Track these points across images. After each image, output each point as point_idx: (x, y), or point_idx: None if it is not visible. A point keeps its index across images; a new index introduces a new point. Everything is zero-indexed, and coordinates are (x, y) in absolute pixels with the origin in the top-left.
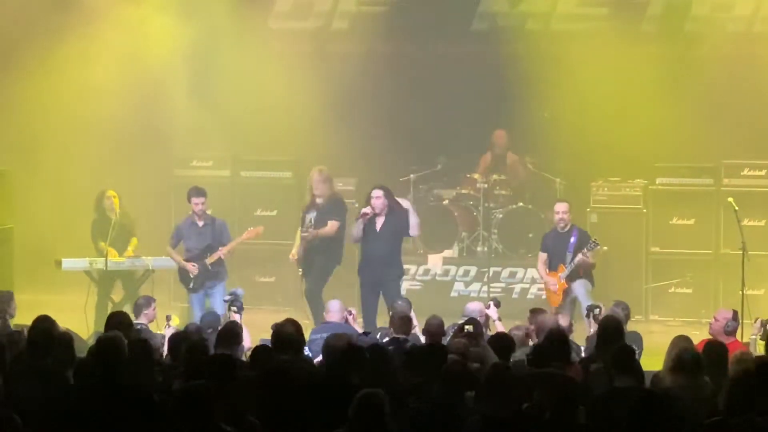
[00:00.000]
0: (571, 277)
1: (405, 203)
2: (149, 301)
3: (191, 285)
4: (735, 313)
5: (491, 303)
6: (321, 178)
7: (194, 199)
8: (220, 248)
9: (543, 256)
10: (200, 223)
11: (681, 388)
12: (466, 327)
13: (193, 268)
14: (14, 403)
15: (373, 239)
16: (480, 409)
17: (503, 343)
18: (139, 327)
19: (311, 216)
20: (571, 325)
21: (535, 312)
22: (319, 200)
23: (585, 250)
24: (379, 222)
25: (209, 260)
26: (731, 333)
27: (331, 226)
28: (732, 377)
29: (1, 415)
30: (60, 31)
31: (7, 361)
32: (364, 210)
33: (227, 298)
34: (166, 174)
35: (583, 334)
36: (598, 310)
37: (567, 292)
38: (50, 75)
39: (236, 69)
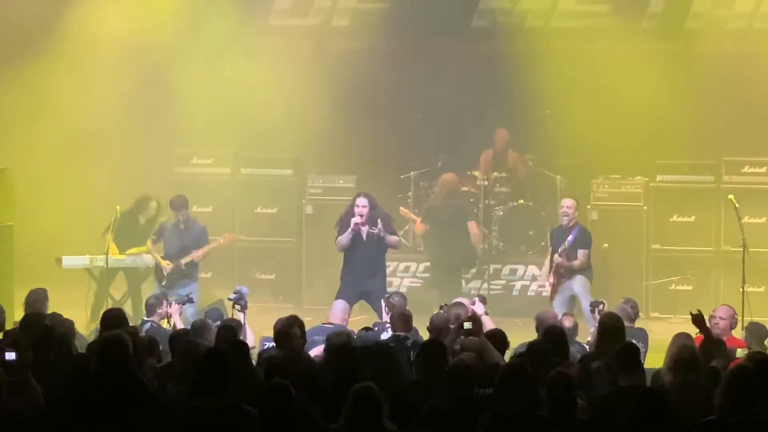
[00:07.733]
0: (566, 274)
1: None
2: (160, 300)
3: (164, 282)
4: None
5: (476, 299)
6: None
7: (174, 212)
8: (193, 251)
9: (551, 250)
10: (182, 226)
11: (679, 386)
12: (465, 324)
13: (167, 266)
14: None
15: (359, 248)
16: (492, 407)
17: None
18: (149, 324)
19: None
20: (576, 326)
21: None
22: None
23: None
24: (364, 231)
25: (183, 261)
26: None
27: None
28: (729, 374)
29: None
30: (60, 29)
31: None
32: (355, 220)
33: (232, 296)
34: (166, 171)
35: (586, 332)
36: (602, 306)
37: (558, 288)
38: (50, 73)
39: (236, 66)
